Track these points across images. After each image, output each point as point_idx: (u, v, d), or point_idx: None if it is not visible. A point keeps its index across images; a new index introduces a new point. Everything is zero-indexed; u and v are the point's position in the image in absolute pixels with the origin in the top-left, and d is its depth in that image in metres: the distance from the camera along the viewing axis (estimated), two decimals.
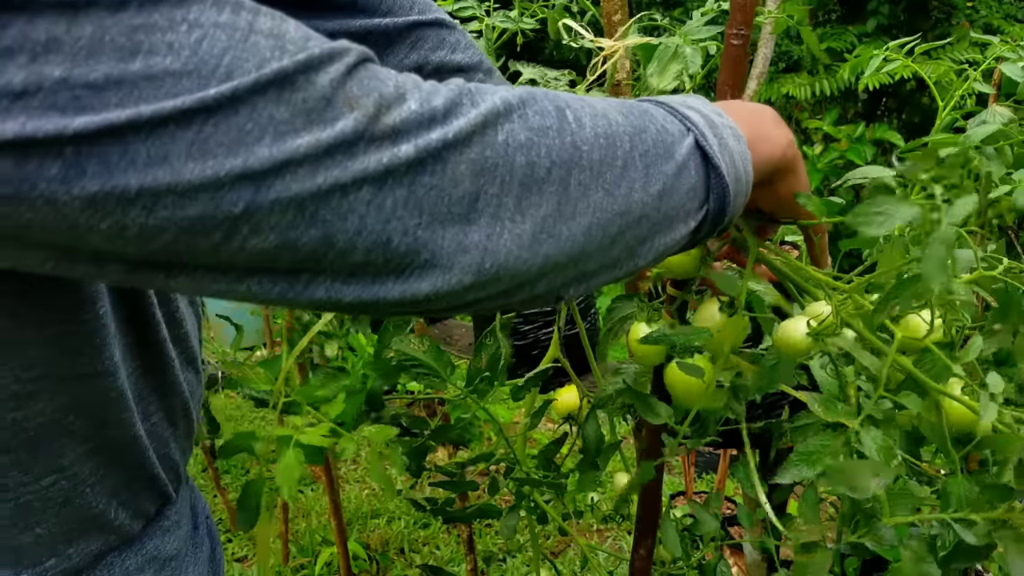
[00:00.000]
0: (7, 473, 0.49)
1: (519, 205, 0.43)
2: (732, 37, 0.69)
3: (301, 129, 0.37)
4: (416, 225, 0.41)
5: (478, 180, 0.42)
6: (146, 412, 0.58)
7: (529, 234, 0.44)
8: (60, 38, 0.33)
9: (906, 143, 1.05)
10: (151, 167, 0.35)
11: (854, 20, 4.99)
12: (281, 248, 0.39)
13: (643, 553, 0.87)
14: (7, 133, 0.33)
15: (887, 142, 4.59)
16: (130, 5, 0.34)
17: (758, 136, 0.57)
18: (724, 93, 0.71)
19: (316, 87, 0.38)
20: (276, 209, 0.38)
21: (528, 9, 1.26)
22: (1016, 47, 0.97)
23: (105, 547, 0.56)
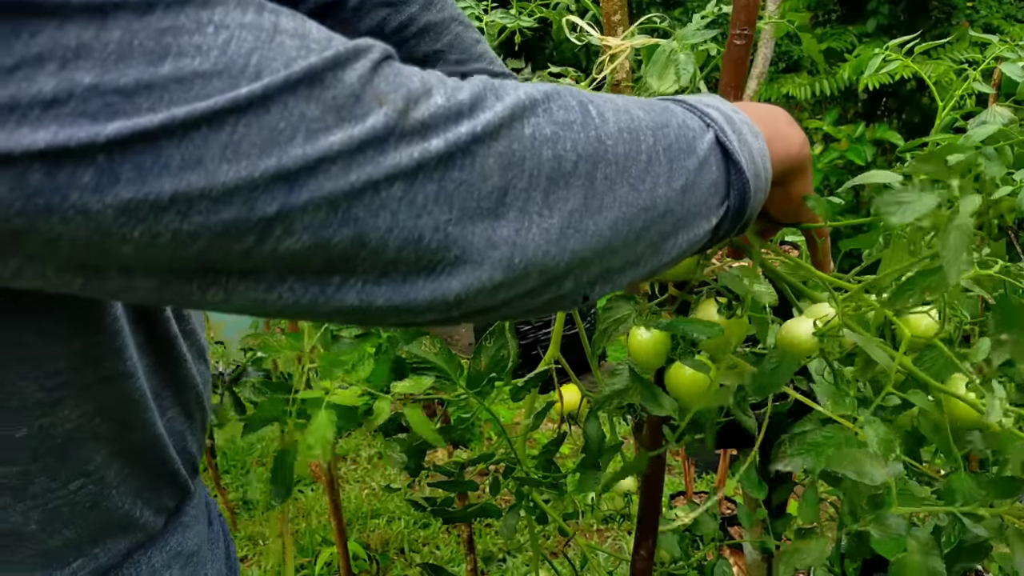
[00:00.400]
0: (35, 479, 0.49)
1: (547, 199, 0.43)
2: (735, 38, 0.69)
3: (333, 126, 0.37)
4: (447, 221, 0.40)
5: (506, 174, 0.42)
6: (162, 408, 0.58)
7: (557, 228, 0.43)
8: (90, 44, 0.33)
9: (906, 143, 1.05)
10: (185, 171, 0.35)
11: (854, 20, 4.99)
12: (314, 248, 0.38)
13: (644, 554, 0.87)
14: (39, 143, 0.32)
15: (887, 142, 4.59)
16: (156, 8, 0.34)
17: (774, 135, 0.58)
18: (727, 94, 0.71)
19: (345, 84, 0.38)
20: (309, 208, 0.37)
21: (526, 8, 1.26)
22: (1016, 47, 0.97)
23: (132, 545, 0.57)
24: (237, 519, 2.86)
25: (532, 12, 1.28)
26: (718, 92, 0.73)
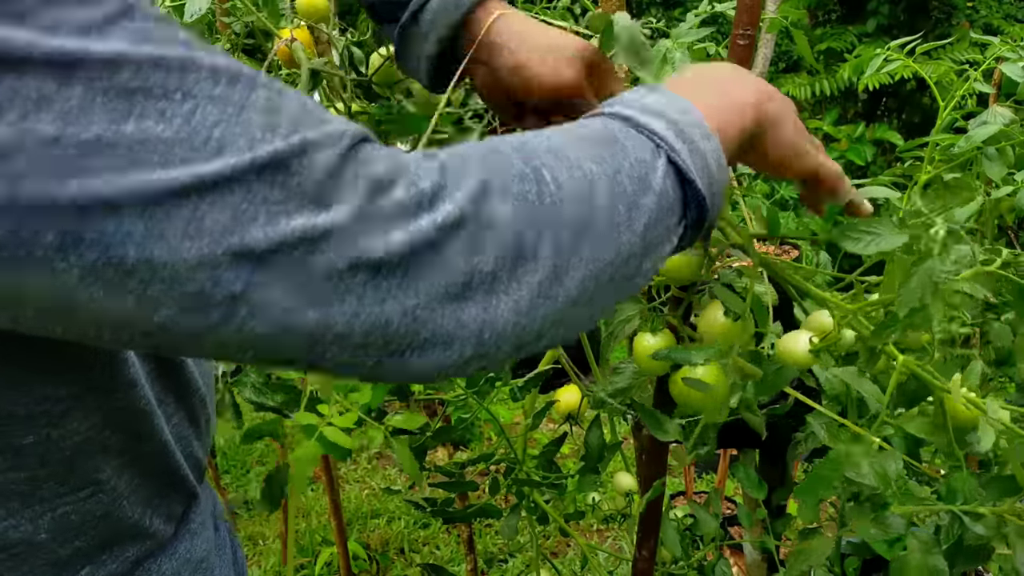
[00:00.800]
0: (43, 484, 0.49)
1: (513, 275, 0.43)
2: (738, 38, 0.69)
3: (295, 212, 0.37)
4: (414, 306, 0.41)
5: (471, 259, 0.42)
6: (167, 414, 0.58)
7: (526, 300, 0.44)
8: (51, 96, 0.33)
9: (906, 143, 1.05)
10: (148, 241, 0.35)
11: (854, 20, 4.99)
12: (279, 331, 0.39)
13: (646, 554, 0.87)
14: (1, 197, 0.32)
15: (887, 142, 4.59)
16: (124, 68, 0.34)
17: (725, 111, 0.56)
18: None
19: (310, 171, 0.38)
20: (273, 289, 0.38)
21: (531, 10, 1.27)
22: (1016, 47, 0.97)
23: (141, 553, 0.56)
24: (237, 519, 2.86)
25: (537, 14, 1.28)
26: None
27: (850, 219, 0.59)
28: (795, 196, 4.88)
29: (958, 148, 0.89)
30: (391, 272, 0.40)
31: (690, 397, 0.75)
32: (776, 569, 0.92)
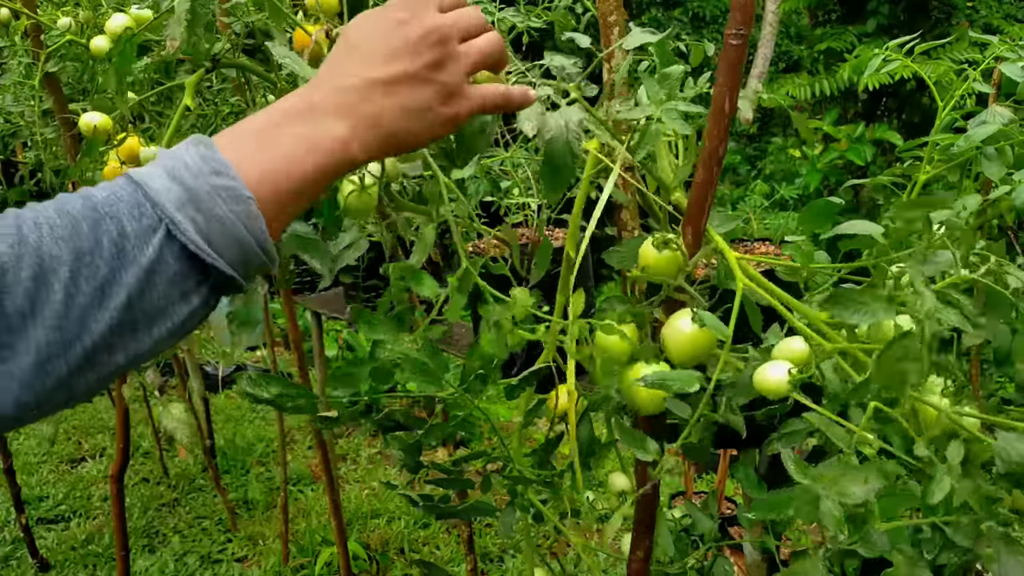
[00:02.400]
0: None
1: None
2: (731, 38, 0.69)
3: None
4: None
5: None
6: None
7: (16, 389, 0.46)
8: None
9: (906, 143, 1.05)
10: None
11: (854, 20, 4.99)
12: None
13: (640, 555, 0.87)
14: None
15: (887, 142, 4.59)
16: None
17: (287, 157, 0.55)
18: (722, 96, 0.71)
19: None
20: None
21: (533, 11, 1.27)
22: (1016, 47, 0.96)
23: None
24: (237, 519, 2.86)
25: (539, 15, 1.29)
26: (713, 93, 0.73)
27: (839, 295, 0.61)
28: (795, 196, 4.88)
29: (957, 148, 0.89)
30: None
31: (642, 397, 0.77)
32: (776, 569, 0.92)
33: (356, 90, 0.58)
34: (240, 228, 0.52)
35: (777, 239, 1.47)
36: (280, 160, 0.55)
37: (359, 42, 0.59)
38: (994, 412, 0.76)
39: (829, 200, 0.82)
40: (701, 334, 0.73)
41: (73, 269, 0.48)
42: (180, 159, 0.53)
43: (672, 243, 0.76)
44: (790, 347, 0.73)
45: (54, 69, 1.37)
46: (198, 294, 0.53)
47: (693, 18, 5.68)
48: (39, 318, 0.47)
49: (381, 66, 0.58)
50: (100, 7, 1.28)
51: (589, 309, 0.83)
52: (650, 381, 0.72)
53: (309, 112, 0.57)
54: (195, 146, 0.54)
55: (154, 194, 0.51)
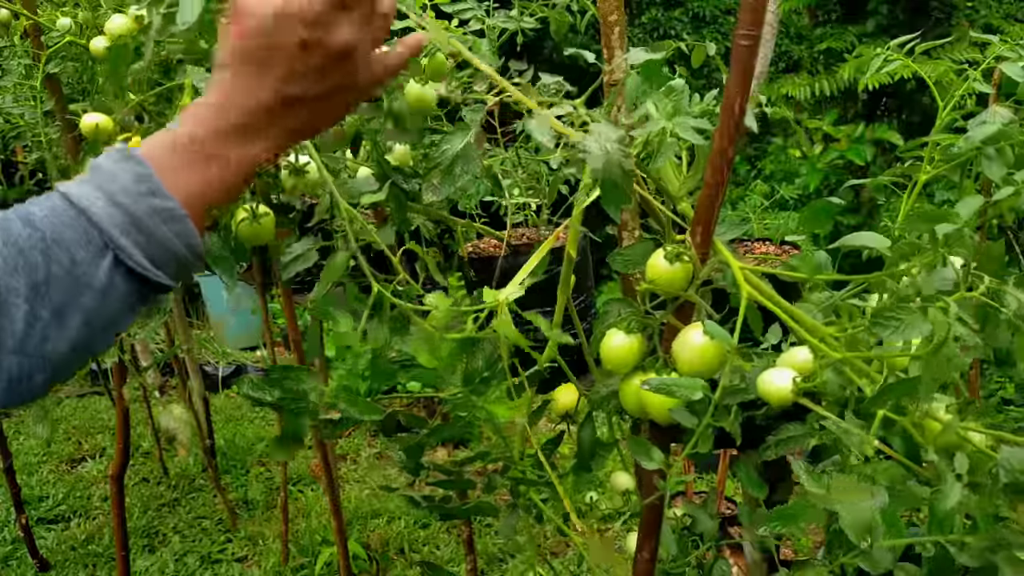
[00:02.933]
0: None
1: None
2: (741, 38, 0.68)
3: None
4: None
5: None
6: None
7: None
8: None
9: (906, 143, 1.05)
10: None
11: (854, 20, 4.99)
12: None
13: (646, 556, 0.87)
14: None
15: (887, 142, 4.58)
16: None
17: (217, 177, 0.58)
18: (733, 97, 0.71)
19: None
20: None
21: (528, 9, 1.26)
22: (1016, 47, 0.96)
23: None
24: (237, 519, 2.85)
25: (533, 13, 1.28)
26: (724, 92, 0.73)
27: (877, 312, 0.62)
28: (795, 196, 4.88)
29: (958, 148, 0.89)
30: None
31: (648, 403, 0.77)
32: (776, 569, 0.92)
33: (272, 111, 0.60)
34: (179, 245, 0.57)
35: (777, 239, 1.47)
36: (211, 180, 0.58)
37: (265, 58, 0.59)
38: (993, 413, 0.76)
39: (829, 200, 0.82)
40: (711, 347, 0.73)
41: (30, 299, 0.52)
42: (116, 181, 0.55)
43: (684, 256, 0.75)
44: (795, 359, 0.73)
45: (55, 70, 1.37)
46: (141, 302, 0.57)
47: (693, 18, 5.67)
48: (3, 348, 0.51)
49: (293, 85, 0.60)
50: (100, 7, 1.27)
51: (589, 309, 0.83)
52: (654, 386, 0.72)
53: (232, 132, 0.59)
54: (126, 163, 0.56)
55: (97, 219, 0.54)
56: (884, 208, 4.26)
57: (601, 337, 0.82)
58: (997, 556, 0.64)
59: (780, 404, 0.71)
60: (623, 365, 0.80)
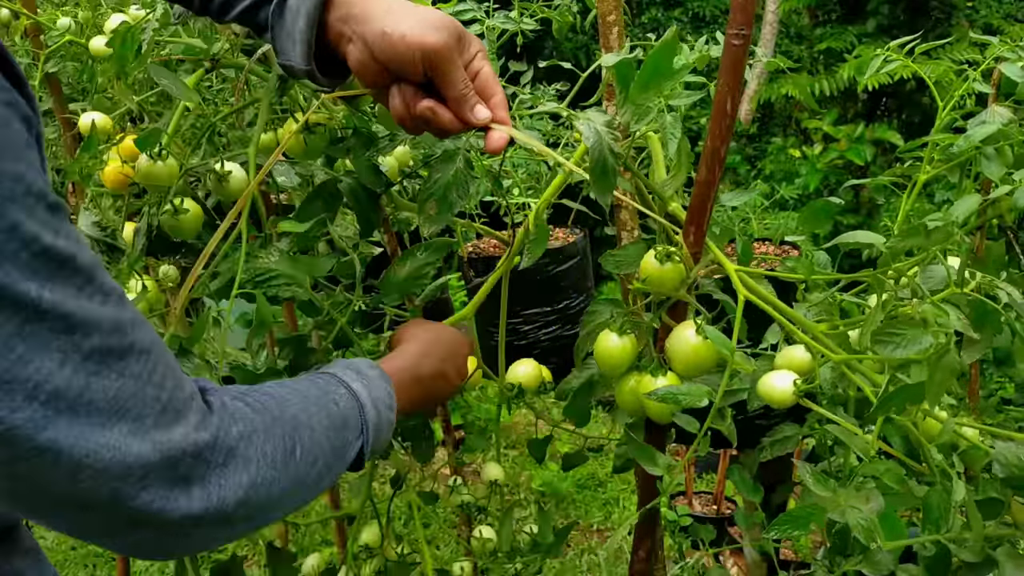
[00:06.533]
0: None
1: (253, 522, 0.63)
2: (732, 38, 0.69)
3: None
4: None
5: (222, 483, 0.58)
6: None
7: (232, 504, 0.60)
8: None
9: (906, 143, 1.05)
10: None
11: (854, 20, 4.99)
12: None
13: (642, 555, 0.87)
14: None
15: (887, 142, 4.59)
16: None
17: (417, 402, 0.82)
18: (724, 96, 0.71)
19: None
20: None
21: (528, 9, 1.26)
22: (1016, 47, 0.96)
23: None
24: None
25: (534, 13, 1.28)
26: (716, 92, 0.73)
27: (878, 330, 0.64)
28: (795, 196, 4.89)
29: (957, 148, 0.89)
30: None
31: (646, 403, 0.77)
32: (776, 570, 0.92)
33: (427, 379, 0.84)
34: (380, 449, 0.75)
35: (777, 239, 1.47)
36: (406, 403, 0.80)
37: (432, 368, 0.84)
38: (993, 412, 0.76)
39: (829, 200, 0.82)
40: (706, 345, 0.73)
41: (329, 464, 0.69)
42: (377, 391, 0.74)
43: (675, 256, 0.76)
44: (793, 355, 0.73)
45: (54, 69, 1.37)
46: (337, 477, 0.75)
47: (693, 18, 5.68)
48: (307, 488, 0.67)
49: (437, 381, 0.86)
50: (100, 7, 1.27)
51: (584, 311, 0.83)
52: (660, 395, 0.72)
53: (419, 382, 0.83)
54: (383, 380, 0.76)
55: (366, 417, 0.72)
56: (884, 208, 4.26)
57: (588, 336, 0.83)
58: (996, 551, 0.64)
59: (781, 406, 0.71)
60: (618, 366, 0.80)
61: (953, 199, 0.87)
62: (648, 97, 0.73)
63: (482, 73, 0.74)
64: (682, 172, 0.79)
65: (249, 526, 0.63)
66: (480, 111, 0.74)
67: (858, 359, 0.68)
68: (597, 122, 0.72)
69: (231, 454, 0.58)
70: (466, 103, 0.73)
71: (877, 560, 0.70)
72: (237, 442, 0.59)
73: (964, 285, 0.63)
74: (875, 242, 0.69)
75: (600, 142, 0.72)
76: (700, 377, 0.76)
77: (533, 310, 2.23)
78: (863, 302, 0.77)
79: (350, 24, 0.73)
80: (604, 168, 0.72)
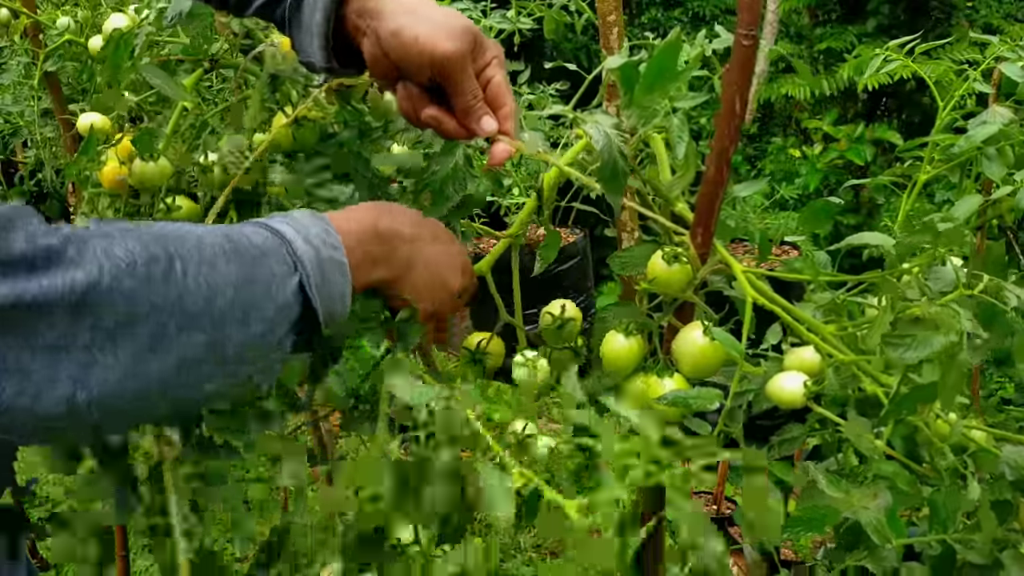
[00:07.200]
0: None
1: (113, 344, 0.48)
2: (742, 38, 0.69)
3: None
4: (5, 352, 0.45)
5: (75, 321, 0.46)
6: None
7: (120, 370, 0.48)
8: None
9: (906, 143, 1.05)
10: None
11: (854, 20, 4.99)
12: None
13: None
14: None
15: (887, 142, 4.59)
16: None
17: (370, 260, 0.67)
18: (733, 95, 0.71)
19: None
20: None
21: (525, 8, 1.26)
22: (1016, 47, 0.96)
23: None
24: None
25: (531, 12, 1.28)
26: (723, 91, 0.73)
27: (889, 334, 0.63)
28: (795, 196, 4.89)
29: (958, 148, 0.89)
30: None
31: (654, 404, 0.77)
32: (776, 570, 0.91)
33: (390, 237, 0.70)
34: (338, 298, 0.62)
35: (777, 239, 1.47)
36: (362, 259, 0.66)
37: (394, 227, 0.70)
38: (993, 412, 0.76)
39: (829, 200, 0.82)
40: (713, 347, 0.73)
41: (236, 293, 0.55)
42: (309, 229, 0.62)
43: (682, 257, 0.75)
44: (803, 357, 0.73)
45: (53, 69, 1.37)
46: (288, 341, 0.60)
47: (693, 18, 5.68)
48: (197, 324, 0.52)
49: (406, 245, 0.72)
50: (99, 7, 1.27)
51: (589, 310, 0.83)
52: (670, 400, 0.72)
53: (379, 238, 0.69)
54: (319, 220, 0.64)
55: (296, 249, 0.60)
56: (884, 208, 4.26)
57: (600, 339, 0.82)
58: (1003, 553, 0.64)
59: (790, 407, 0.71)
60: (625, 367, 0.80)
61: (953, 199, 0.87)
62: (653, 99, 0.73)
63: (494, 82, 0.73)
64: (689, 173, 0.79)
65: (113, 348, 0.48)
66: (487, 123, 0.73)
67: (867, 360, 0.68)
68: (606, 125, 0.72)
69: (57, 251, 0.47)
70: (473, 114, 0.73)
71: (883, 556, 0.70)
72: (65, 243, 0.47)
73: (973, 287, 0.63)
74: (883, 243, 0.69)
75: (610, 145, 0.72)
76: (708, 378, 0.76)
77: (533, 310, 2.23)
78: (864, 302, 0.77)
79: (364, 18, 0.72)
80: (615, 171, 0.72)
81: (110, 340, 0.48)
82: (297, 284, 0.59)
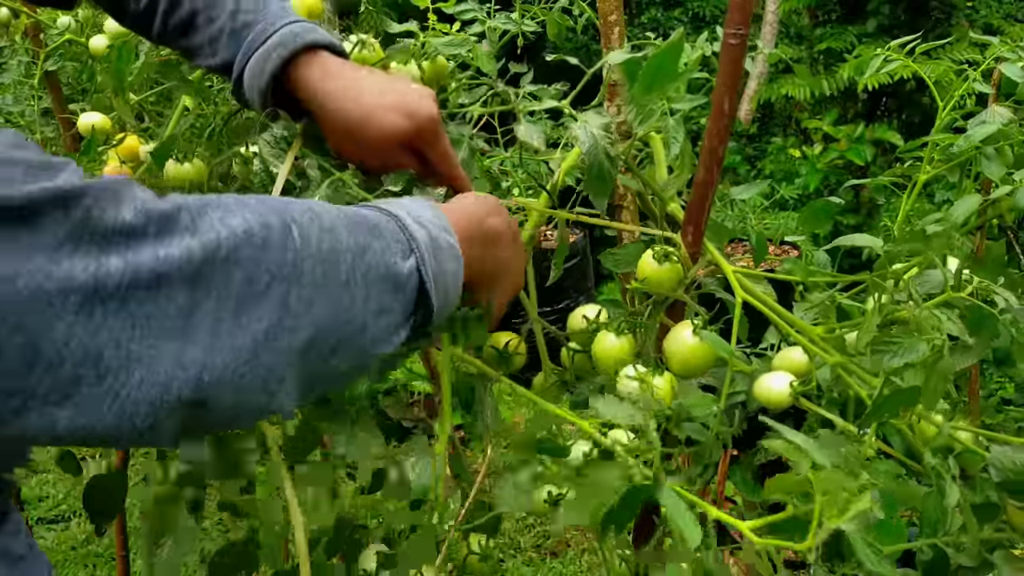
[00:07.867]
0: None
1: (238, 320, 0.44)
2: (730, 37, 0.69)
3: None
4: (128, 339, 0.40)
5: (194, 294, 0.42)
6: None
7: (248, 348, 0.44)
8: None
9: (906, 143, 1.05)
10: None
11: (854, 20, 4.98)
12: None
13: None
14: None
15: (887, 142, 4.59)
16: None
17: (472, 239, 0.63)
18: (722, 96, 0.71)
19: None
20: None
21: (529, 11, 1.26)
22: (1016, 47, 0.96)
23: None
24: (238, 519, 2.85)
25: (535, 15, 1.28)
26: (714, 91, 0.73)
27: (881, 336, 0.64)
28: (795, 196, 4.89)
29: (957, 148, 0.89)
30: (105, 297, 0.39)
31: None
32: (776, 570, 0.91)
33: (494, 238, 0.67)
34: (451, 285, 0.58)
35: (777, 239, 1.47)
36: (468, 254, 0.62)
37: (499, 229, 0.67)
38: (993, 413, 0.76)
39: (829, 200, 0.82)
40: (703, 346, 0.73)
41: (355, 261, 0.51)
42: (420, 212, 0.59)
43: (672, 256, 0.76)
44: (791, 357, 0.73)
45: (53, 68, 1.37)
46: (406, 328, 0.56)
47: (693, 18, 5.68)
48: (324, 293, 0.48)
49: (503, 252, 0.69)
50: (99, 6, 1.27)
51: None
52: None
53: (486, 238, 0.66)
54: (428, 205, 0.60)
55: (408, 227, 0.56)
56: (884, 208, 4.26)
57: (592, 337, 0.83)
58: (994, 554, 0.64)
59: (778, 407, 0.71)
60: (615, 366, 0.80)
61: (953, 199, 0.87)
62: (651, 99, 0.73)
63: (434, 159, 0.74)
64: (684, 174, 0.79)
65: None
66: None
67: (853, 362, 0.68)
68: (593, 125, 0.73)
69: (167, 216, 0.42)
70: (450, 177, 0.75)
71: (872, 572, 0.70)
72: (178, 210, 0.43)
73: (961, 289, 0.63)
74: (873, 245, 0.69)
75: (596, 146, 0.72)
76: (698, 376, 0.76)
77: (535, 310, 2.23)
78: (859, 305, 0.77)
79: (309, 101, 0.73)
80: (600, 173, 0.72)
81: (233, 316, 0.43)
82: (414, 266, 0.55)
